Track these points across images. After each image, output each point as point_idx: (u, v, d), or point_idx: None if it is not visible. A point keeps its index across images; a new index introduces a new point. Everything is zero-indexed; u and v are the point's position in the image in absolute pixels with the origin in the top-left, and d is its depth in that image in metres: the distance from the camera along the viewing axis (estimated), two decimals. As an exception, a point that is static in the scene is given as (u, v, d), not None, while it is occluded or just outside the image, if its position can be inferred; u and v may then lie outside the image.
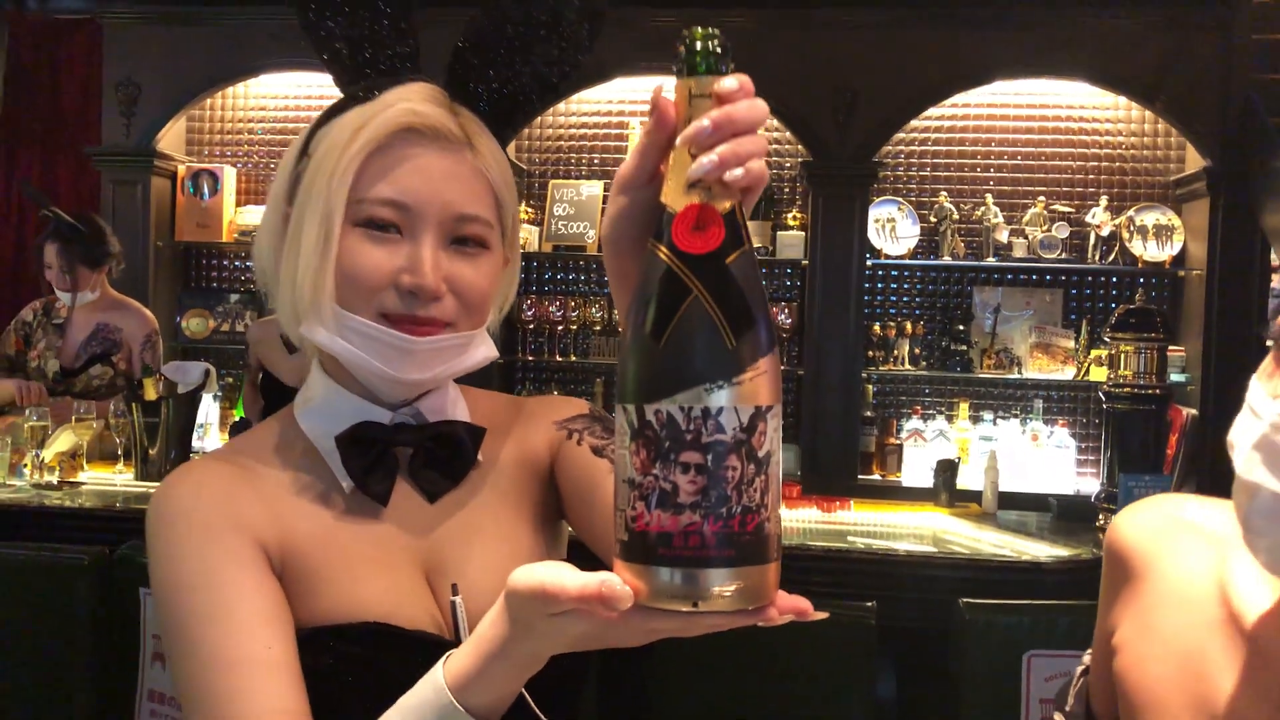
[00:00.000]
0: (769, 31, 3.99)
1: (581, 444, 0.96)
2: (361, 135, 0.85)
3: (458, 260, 0.88)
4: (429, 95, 0.89)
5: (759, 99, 0.62)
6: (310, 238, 0.85)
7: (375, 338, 0.85)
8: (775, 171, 4.18)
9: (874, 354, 4.06)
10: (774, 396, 0.60)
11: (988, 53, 3.89)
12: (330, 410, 0.91)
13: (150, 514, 0.87)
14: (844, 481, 3.85)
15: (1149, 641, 0.87)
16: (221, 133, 4.50)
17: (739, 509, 0.58)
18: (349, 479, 0.90)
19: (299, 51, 4.13)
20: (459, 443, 0.93)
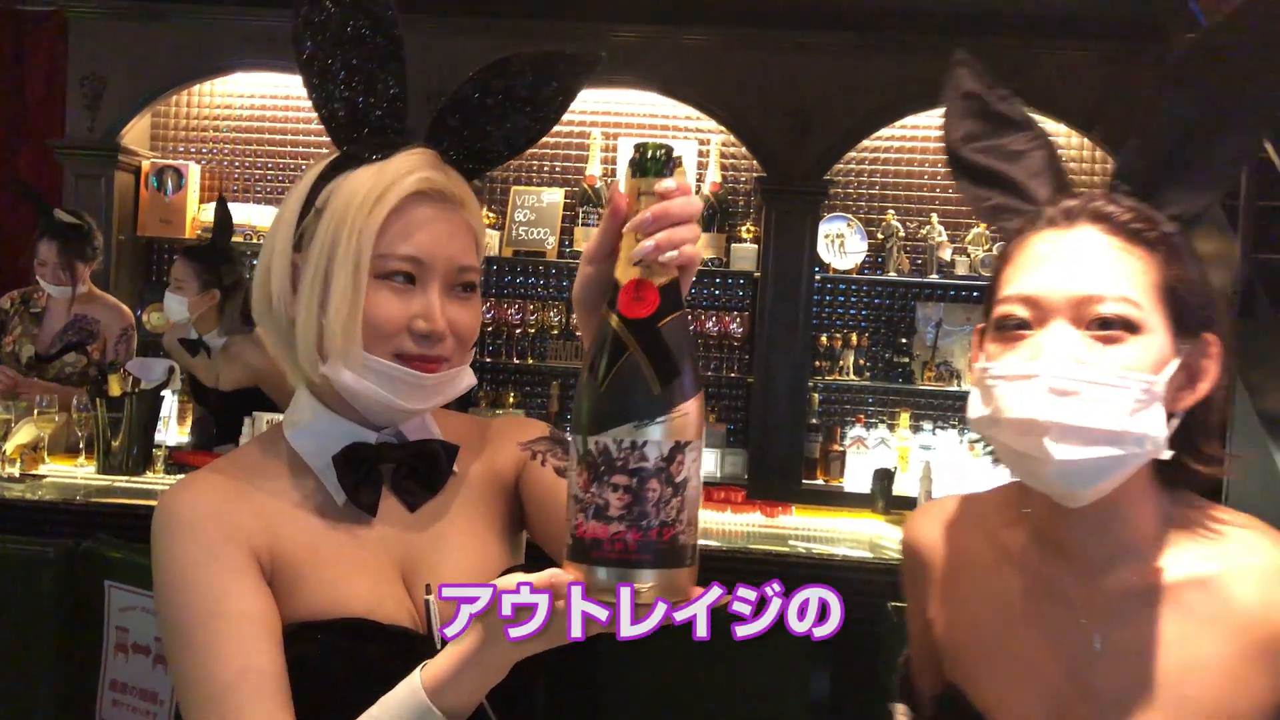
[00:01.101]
0: (727, 52, 4.12)
1: (545, 464, 1.09)
2: (386, 200, 0.96)
3: (456, 305, 1.00)
4: (430, 161, 1.01)
5: (694, 196, 0.78)
6: (341, 291, 0.95)
7: (394, 376, 0.97)
8: (730, 185, 4.31)
9: (820, 364, 4.21)
10: (694, 434, 0.75)
11: (937, 78, 4.03)
12: (322, 432, 1.02)
13: (155, 523, 0.97)
14: (789, 486, 4.00)
15: (955, 609, 1.07)
16: (187, 129, 4.54)
17: (657, 522, 0.73)
18: (343, 493, 1.01)
19: (270, 52, 4.19)
20: (436, 458, 1.05)
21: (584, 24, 4.12)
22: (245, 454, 1.07)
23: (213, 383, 3.37)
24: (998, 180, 1.03)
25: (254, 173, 4.53)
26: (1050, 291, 0.92)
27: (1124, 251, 0.92)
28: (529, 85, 1.04)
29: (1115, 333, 0.89)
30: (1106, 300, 0.90)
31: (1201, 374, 0.94)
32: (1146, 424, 0.89)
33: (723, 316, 4.23)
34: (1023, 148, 1.03)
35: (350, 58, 1.01)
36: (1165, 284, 0.92)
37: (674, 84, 4.16)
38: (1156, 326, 0.91)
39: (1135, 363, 0.89)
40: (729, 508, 3.23)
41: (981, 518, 1.09)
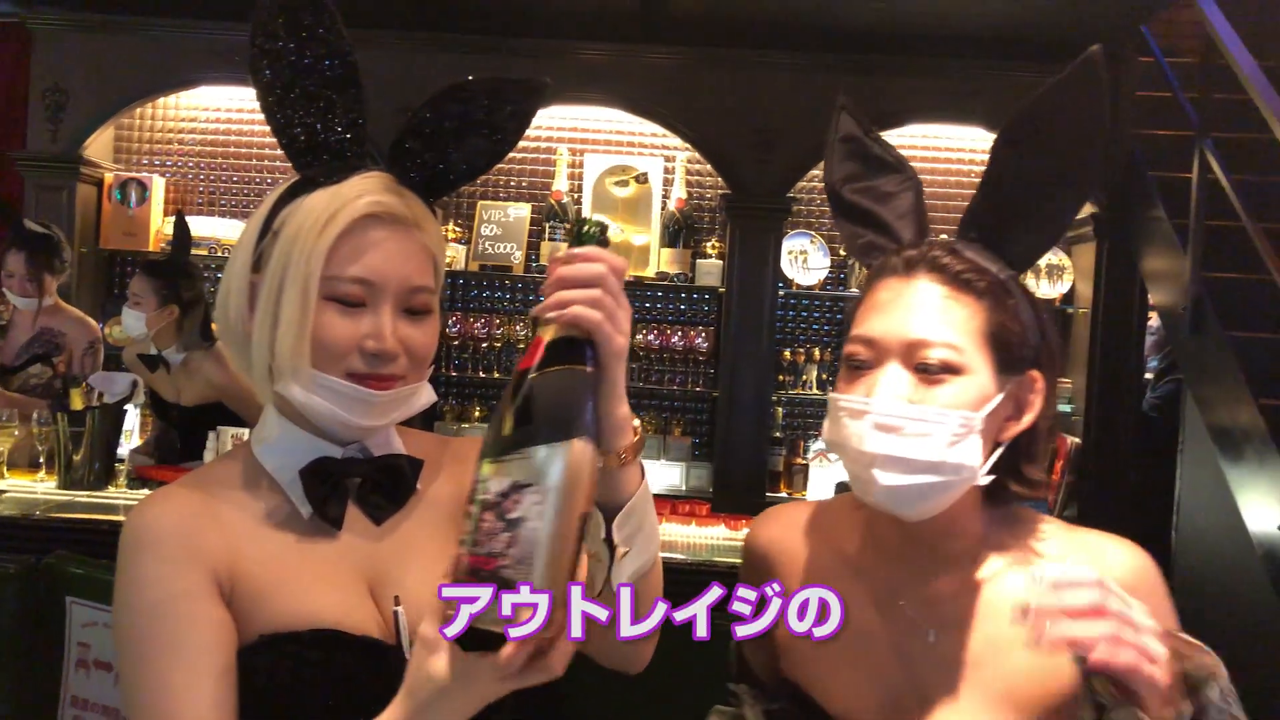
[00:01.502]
0: (693, 71, 4.18)
1: None
2: (335, 222, 0.99)
3: (409, 325, 1.02)
4: (384, 185, 1.03)
5: (599, 265, 0.87)
6: (290, 312, 0.98)
7: (344, 393, 0.99)
8: (696, 202, 4.36)
9: (784, 378, 4.26)
10: (539, 479, 0.80)
11: (898, 98, 4.13)
12: (288, 447, 1.05)
13: (121, 538, 0.99)
14: (753, 499, 4.04)
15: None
16: (151, 142, 4.52)
17: (484, 551, 0.79)
18: (309, 507, 1.03)
19: (236, 66, 4.19)
20: (401, 473, 1.07)
21: (551, 41, 4.16)
22: (215, 468, 1.09)
23: (174, 398, 3.35)
24: (870, 220, 1.12)
25: (219, 186, 4.52)
26: (885, 335, 1.04)
27: (952, 300, 1.03)
28: (484, 108, 1.07)
29: (939, 375, 1.01)
30: (932, 346, 1.01)
31: (1026, 407, 1.06)
32: (963, 455, 1.00)
33: (688, 331, 4.27)
34: (894, 189, 1.13)
35: (307, 84, 1.03)
36: (989, 329, 1.03)
37: (640, 101, 4.20)
38: (979, 368, 1.02)
39: (956, 401, 1.00)
40: (693, 521, 3.26)
41: (825, 525, 1.19)
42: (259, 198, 4.47)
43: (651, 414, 4.39)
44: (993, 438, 1.04)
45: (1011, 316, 1.04)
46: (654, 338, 4.27)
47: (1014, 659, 1.04)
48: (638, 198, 4.33)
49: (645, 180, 4.32)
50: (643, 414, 4.39)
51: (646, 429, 4.33)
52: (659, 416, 4.39)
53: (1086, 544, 1.09)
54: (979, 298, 1.03)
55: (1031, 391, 1.05)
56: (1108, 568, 1.04)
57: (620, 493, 0.93)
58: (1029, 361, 1.05)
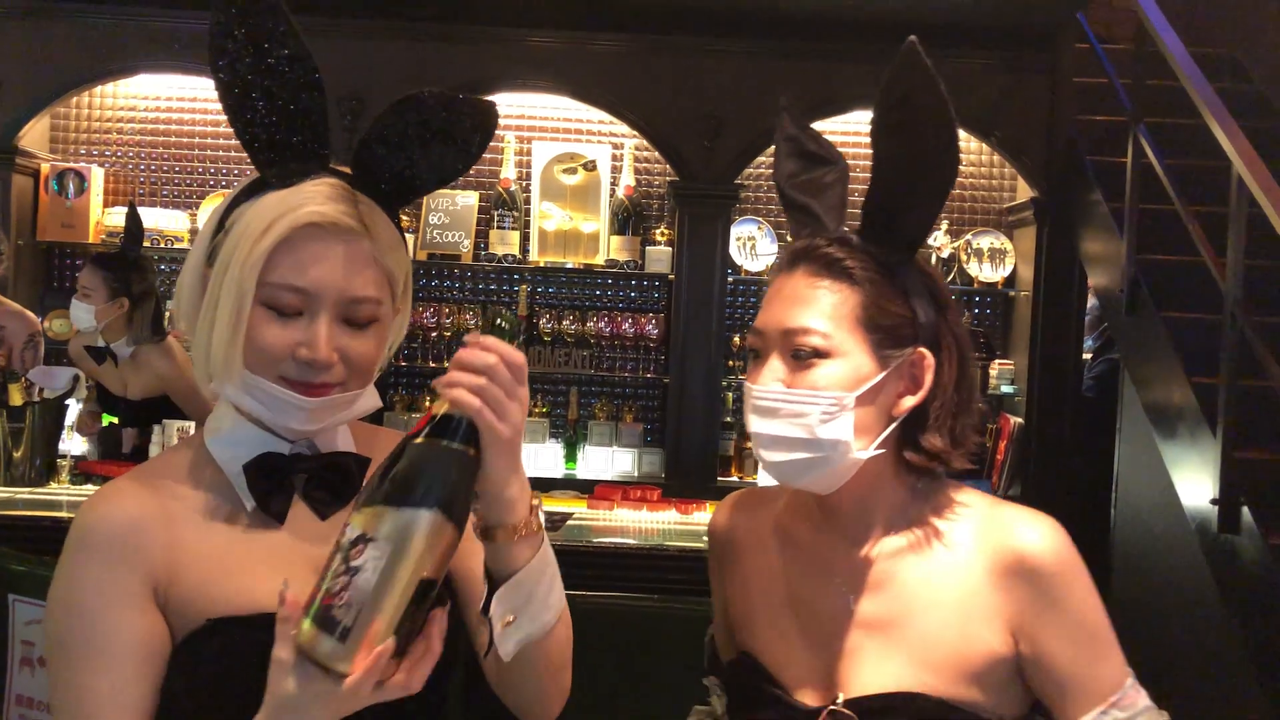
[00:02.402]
0: (640, 57, 4.19)
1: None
2: (272, 231, 0.98)
3: (348, 335, 1.02)
4: (333, 193, 1.02)
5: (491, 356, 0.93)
6: (225, 314, 0.99)
7: (276, 396, 1.01)
8: (645, 190, 4.38)
9: (734, 363, 4.30)
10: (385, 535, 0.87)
11: (843, 84, 4.18)
12: (237, 440, 1.06)
13: (69, 534, 1.00)
14: (705, 483, 4.08)
15: (747, 585, 1.23)
16: (89, 131, 4.43)
17: (323, 589, 0.87)
18: (251, 500, 1.04)
19: (175, 53, 4.12)
20: (347, 470, 1.08)
21: (498, 28, 4.15)
22: (167, 459, 1.10)
23: (121, 391, 3.31)
24: (808, 213, 1.18)
25: (160, 176, 4.44)
26: (766, 327, 1.12)
27: (824, 290, 1.10)
28: (443, 119, 1.07)
29: (809, 360, 1.09)
30: (801, 333, 1.09)
31: (919, 383, 1.12)
32: (836, 431, 1.08)
33: (639, 318, 4.29)
34: (829, 181, 1.19)
35: (267, 86, 1.03)
36: (863, 312, 1.09)
37: (587, 89, 4.21)
38: (851, 350, 1.09)
39: (826, 382, 1.08)
40: (645, 506, 3.29)
41: (772, 506, 1.26)
42: (202, 188, 4.42)
43: (603, 401, 4.41)
44: (884, 413, 1.11)
45: (891, 298, 1.10)
46: (604, 325, 4.29)
47: (930, 624, 1.10)
48: (586, 185, 4.34)
49: (593, 168, 4.32)
50: (594, 401, 4.40)
51: (598, 415, 4.35)
52: (611, 404, 4.40)
53: (1001, 518, 1.13)
54: (854, 283, 1.10)
55: (920, 368, 1.11)
56: (1019, 545, 1.09)
57: (509, 565, 0.97)
58: (915, 340, 1.11)
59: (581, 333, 4.31)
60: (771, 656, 1.17)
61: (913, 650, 1.10)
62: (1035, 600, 1.08)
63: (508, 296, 4.43)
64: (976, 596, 1.10)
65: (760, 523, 1.25)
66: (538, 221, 4.32)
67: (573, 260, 4.31)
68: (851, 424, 1.08)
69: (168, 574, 1.00)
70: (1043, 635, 1.08)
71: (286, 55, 1.03)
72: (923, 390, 1.11)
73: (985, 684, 1.09)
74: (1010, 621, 1.09)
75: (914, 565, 1.13)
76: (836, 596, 1.15)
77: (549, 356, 4.28)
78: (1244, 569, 2.77)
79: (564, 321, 4.31)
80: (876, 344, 1.09)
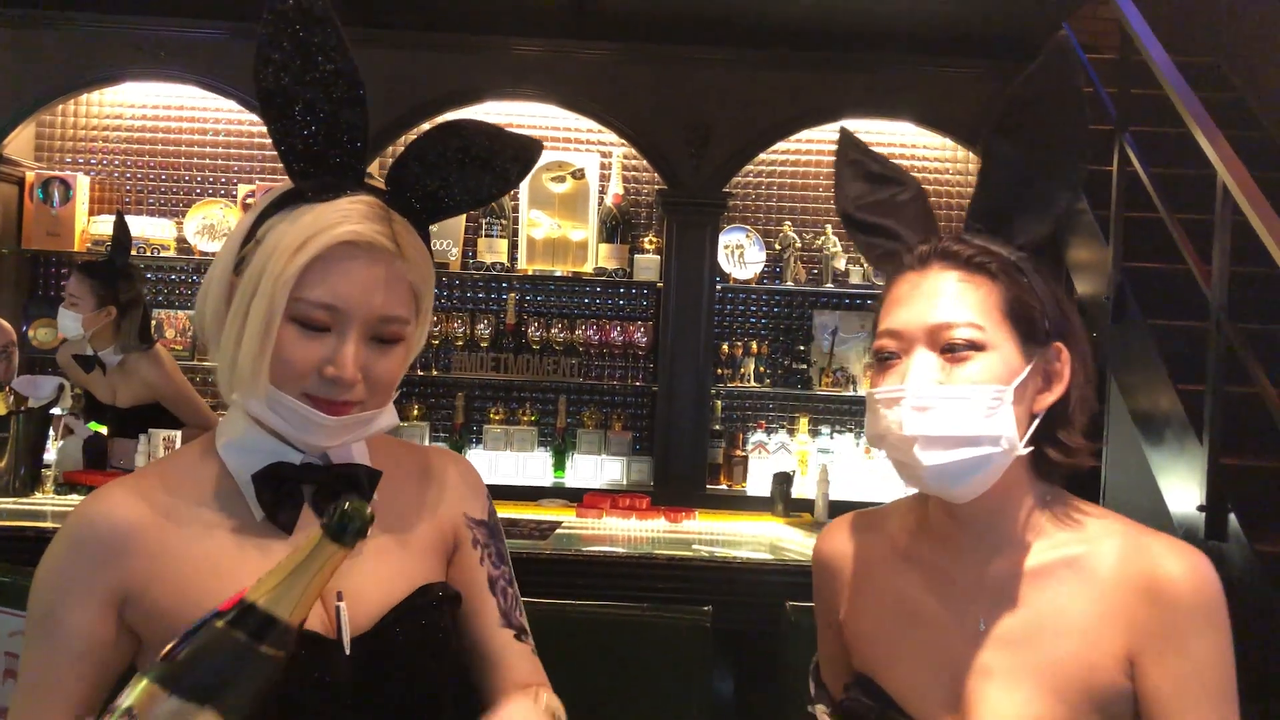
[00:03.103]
0: (628, 67, 4.20)
1: (483, 564, 1.18)
2: (308, 248, 0.99)
3: (375, 354, 1.03)
4: (369, 212, 1.02)
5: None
6: (254, 328, 0.99)
7: (297, 412, 1.01)
8: (633, 198, 4.38)
9: (722, 371, 4.30)
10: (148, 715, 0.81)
11: (831, 93, 4.19)
12: (249, 448, 1.06)
13: (61, 529, 1.03)
14: (694, 492, 4.08)
15: (864, 608, 1.21)
16: (74, 139, 4.41)
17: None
18: (260, 510, 1.05)
19: (161, 62, 4.11)
20: (357, 484, 1.08)
21: (484, 36, 4.15)
22: (179, 459, 1.10)
23: (110, 399, 3.29)
24: (881, 231, 1.17)
25: (146, 185, 4.42)
26: (909, 325, 1.08)
27: (967, 283, 1.08)
28: (485, 148, 1.08)
29: (964, 353, 1.06)
30: (955, 326, 1.06)
31: (1056, 378, 1.10)
32: (999, 425, 1.05)
33: (627, 326, 4.29)
34: (904, 199, 1.18)
35: (310, 99, 1.02)
36: (1008, 305, 1.07)
37: (575, 98, 4.21)
38: (1002, 343, 1.06)
39: (983, 376, 1.05)
40: (634, 514, 3.29)
41: (883, 528, 1.23)
42: (188, 196, 4.40)
43: (592, 409, 4.40)
44: (1027, 410, 1.08)
45: (1028, 292, 1.08)
46: (593, 333, 4.29)
47: (1060, 649, 1.06)
48: (575, 193, 4.34)
49: (582, 176, 4.32)
50: (583, 409, 4.40)
51: (587, 424, 4.34)
52: (599, 412, 4.40)
53: (1146, 543, 1.08)
54: (993, 278, 1.07)
55: (1058, 362, 1.09)
56: (1159, 570, 1.04)
57: None
58: (1052, 334, 1.09)
59: (570, 341, 4.30)
60: (893, 680, 1.14)
61: (1041, 675, 1.06)
62: (1157, 632, 1.03)
63: (496, 304, 4.42)
64: (1105, 623, 1.06)
65: (875, 544, 1.22)
66: (526, 229, 4.32)
67: (561, 268, 4.31)
68: (1013, 417, 1.05)
69: (144, 582, 1.01)
70: (1154, 671, 1.03)
71: (332, 70, 1.02)
72: (1062, 385, 1.09)
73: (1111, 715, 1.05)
74: (1129, 649, 1.05)
75: (1046, 585, 1.09)
76: (964, 616, 1.11)
77: (537, 365, 4.28)
78: (1231, 575, 2.78)
79: (552, 330, 4.31)
80: (1022, 337, 1.07)
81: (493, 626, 1.16)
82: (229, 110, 4.32)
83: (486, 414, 4.38)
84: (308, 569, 0.85)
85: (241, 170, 4.40)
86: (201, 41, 4.13)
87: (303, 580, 0.85)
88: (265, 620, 0.83)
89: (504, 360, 4.26)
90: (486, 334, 4.32)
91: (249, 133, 4.37)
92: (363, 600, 1.06)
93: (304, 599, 0.86)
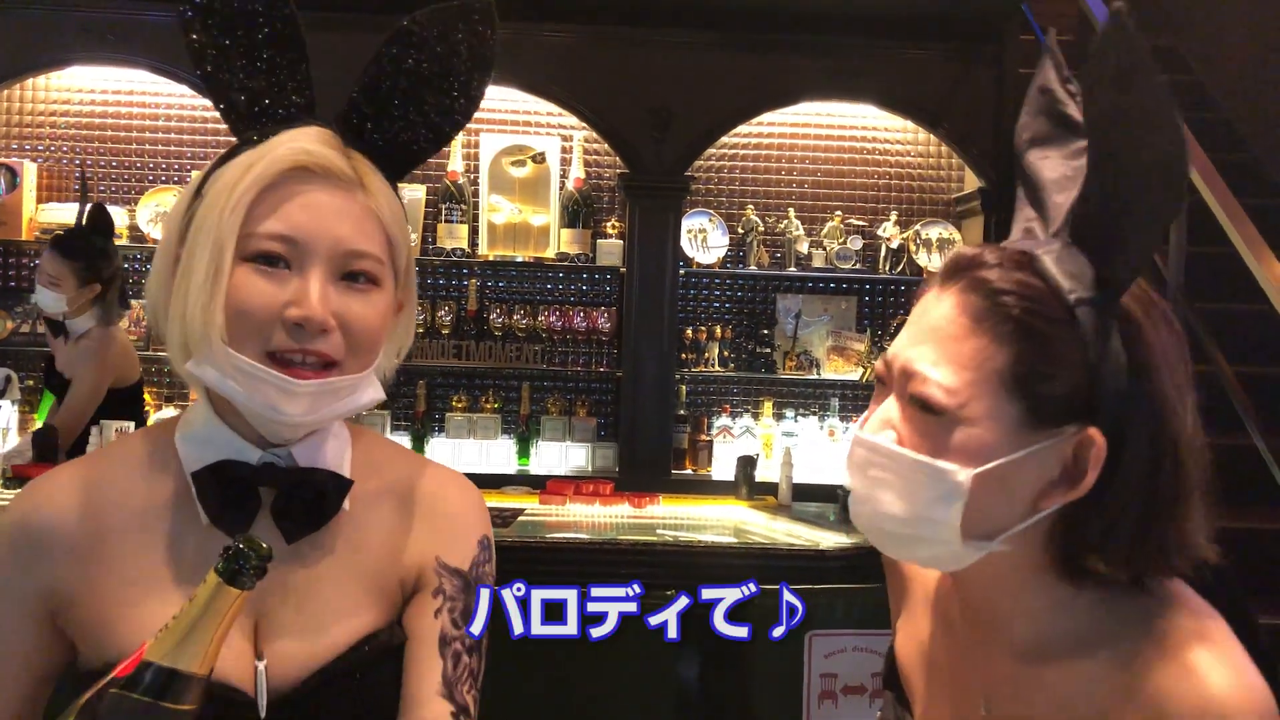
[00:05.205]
0: (588, 49, 4.16)
1: (437, 618, 0.99)
2: (252, 172, 0.87)
3: (347, 295, 0.90)
4: (321, 137, 0.92)
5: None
6: (200, 272, 0.86)
7: (260, 378, 0.87)
8: (594, 182, 4.34)
9: (686, 356, 4.29)
10: None
11: (792, 76, 4.18)
12: (204, 440, 0.93)
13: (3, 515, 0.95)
14: (659, 477, 4.06)
15: (907, 626, 1.09)
16: (21, 125, 4.30)
17: None
18: (204, 515, 0.92)
19: (110, 45, 4.01)
20: (321, 493, 0.94)
21: (443, 19, 4.08)
22: (126, 449, 0.99)
23: (62, 368, 3.29)
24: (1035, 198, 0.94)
25: (96, 171, 4.32)
26: (894, 359, 0.90)
27: (970, 331, 0.85)
28: (438, 60, 0.97)
29: (928, 415, 0.85)
30: (924, 381, 0.85)
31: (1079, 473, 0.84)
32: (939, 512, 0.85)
33: (590, 312, 4.26)
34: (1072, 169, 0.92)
35: (246, 44, 0.93)
36: (1012, 370, 0.83)
37: (536, 81, 4.16)
38: (982, 416, 0.84)
39: (951, 448, 0.84)
40: (598, 500, 3.27)
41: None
42: (140, 184, 4.31)
43: (556, 396, 4.37)
44: (1028, 502, 0.86)
45: (1064, 353, 0.83)
46: (556, 319, 4.25)
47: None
48: (535, 178, 4.30)
49: (543, 160, 4.28)
50: (547, 396, 4.37)
51: (551, 410, 4.31)
52: (563, 398, 4.37)
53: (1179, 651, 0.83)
54: (1013, 328, 0.83)
55: (1086, 454, 0.83)
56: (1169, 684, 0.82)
57: None
58: (1087, 414, 0.83)
59: (533, 327, 4.27)
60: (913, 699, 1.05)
61: None
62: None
63: (457, 291, 4.37)
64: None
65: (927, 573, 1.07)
66: (486, 215, 4.27)
67: (522, 254, 4.27)
68: (960, 508, 0.84)
69: (74, 588, 0.92)
70: None
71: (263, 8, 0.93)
72: (1083, 486, 0.84)
73: None
74: None
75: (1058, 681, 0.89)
76: (972, 695, 0.96)
77: (500, 351, 4.24)
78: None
79: (515, 316, 4.27)
80: (1024, 413, 0.83)
81: (428, 693, 0.96)
82: (181, 95, 4.23)
83: (449, 402, 4.34)
84: (207, 619, 0.77)
85: (195, 156, 4.31)
86: (152, 24, 4.03)
87: (204, 632, 0.78)
88: (166, 677, 0.76)
89: (466, 347, 4.22)
90: (447, 321, 4.28)
91: (202, 118, 4.28)
92: (289, 653, 0.93)
93: (209, 649, 0.78)
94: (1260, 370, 3.01)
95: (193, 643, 0.77)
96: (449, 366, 4.26)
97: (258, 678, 0.91)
